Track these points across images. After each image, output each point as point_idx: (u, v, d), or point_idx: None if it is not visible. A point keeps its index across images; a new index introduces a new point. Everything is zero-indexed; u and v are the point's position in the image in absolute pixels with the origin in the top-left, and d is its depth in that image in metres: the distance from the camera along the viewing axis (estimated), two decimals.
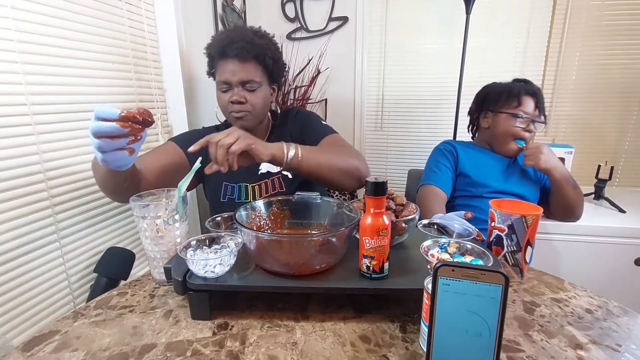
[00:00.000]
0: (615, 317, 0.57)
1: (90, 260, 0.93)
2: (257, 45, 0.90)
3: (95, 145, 0.55)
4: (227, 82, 0.91)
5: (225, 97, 0.92)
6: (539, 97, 1.16)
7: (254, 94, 0.93)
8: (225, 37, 0.90)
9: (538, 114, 1.16)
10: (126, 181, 0.72)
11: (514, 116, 1.15)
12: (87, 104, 0.91)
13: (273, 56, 0.94)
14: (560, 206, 1.20)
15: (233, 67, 0.90)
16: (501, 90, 1.19)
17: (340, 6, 1.86)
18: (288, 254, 0.56)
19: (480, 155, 1.22)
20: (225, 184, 0.97)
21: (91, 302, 0.62)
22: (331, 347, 0.50)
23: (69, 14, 0.85)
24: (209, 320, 0.56)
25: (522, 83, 1.20)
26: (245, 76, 0.90)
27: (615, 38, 1.67)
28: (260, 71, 0.93)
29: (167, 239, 0.63)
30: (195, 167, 0.63)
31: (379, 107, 2.00)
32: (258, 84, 0.93)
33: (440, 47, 1.85)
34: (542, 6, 1.70)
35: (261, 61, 0.92)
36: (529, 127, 1.15)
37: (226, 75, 0.90)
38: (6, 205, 0.73)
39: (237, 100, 0.91)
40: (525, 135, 1.16)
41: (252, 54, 0.90)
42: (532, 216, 0.63)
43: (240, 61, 0.90)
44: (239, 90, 0.91)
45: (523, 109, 1.15)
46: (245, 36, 0.90)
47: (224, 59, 0.90)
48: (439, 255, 0.56)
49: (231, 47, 0.88)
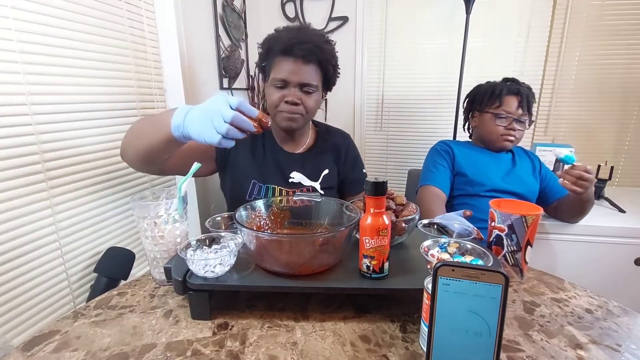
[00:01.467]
0: (615, 317, 0.57)
1: (90, 260, 0.93)
2: (324, 50, 0.89)
3: (223, 129, 0.59)
4: (285, 80, 0.89)
5: (279, 94, 0.90)
6: (522, 96, 1.17)
7: (309, 97, 0.92)
8: (294, 36, 0.88)
9: (522, 113, 1.17)
10: (168, 154, 0.74)
11: (496, 116, 1.18)
12: (87, 104, 0.91)
13: (335, 64, 0.94)
14: (572, 213, 1.22)
15: (295, 67, 0.88)
16: (485, 90, 1.22)
17: (340, 6, 1.86)
18: (288, 254, 0.56)
19: (476, 154, 1.23)
20: (254, 182, 0.96)
21: (91, 302, 0.61)
22: (331, 347, 0.50)
23: (69, 14, 0.85)
24: (209, 320, 0.56)
25: (509, 82, 1.21)
26: (305, 78, 0.89)
27: (615, 38, 1.67)
28: (319, 76, 0.92)
29: (167, 239, 0.63)
30: (194, 167, 0.64)
31: (379, 107, 2.00)
32: (315, 88, 0.92)
33: (440, 47, 1.85)
34: (542, 6, 1.70)
35: (323, 67, 0.91)
36: (511, 125, 1.17)
37: (286, 73, 0.88)
38: (6, 205, 0.73)
39: (293, 101, 0.89)
40: (509, 134, 1.18)
41: (318, 58, 0.89)
42: (532, 216, 0.63)
43: (304, 63, 0.88)
44: (295, 91, 0.89)
45: (505, 109, 1.17)
46: (313, 39, 0.88)
47: (287, 57, 0.88)
48: (439, 255, 0.56)
49: (299, 47, 0.86)
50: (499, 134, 1.19)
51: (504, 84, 1.21)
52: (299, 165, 0.98)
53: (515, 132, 1.18)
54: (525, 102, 1.17)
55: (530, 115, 1.19)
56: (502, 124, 1.18)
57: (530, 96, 1.18)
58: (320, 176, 0.98)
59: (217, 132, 0.60)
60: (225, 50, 1.53)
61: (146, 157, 0.75)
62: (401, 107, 1.97)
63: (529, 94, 1.18)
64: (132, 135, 0.78)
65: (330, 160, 1.03)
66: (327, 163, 1.02)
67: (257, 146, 0.99)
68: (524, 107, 1.17)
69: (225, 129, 0.60)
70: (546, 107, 1.82)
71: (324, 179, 0.98)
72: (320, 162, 1.01)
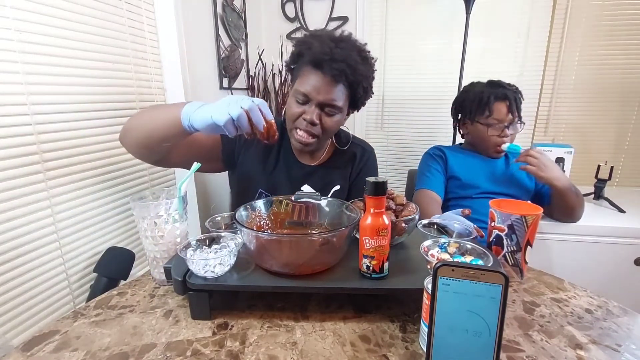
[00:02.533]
0: (615, 317, 0.57)
1: (90, 260, 0.93)
2: (357, 72, 0.81)
3: (235, 112, 0.61)
4: (308, 95, 0.82)
5: (299, 110, 0.84)
6: (510, 100, 1.14)
7: (330, 119, 0.85)
8: (328, 51, 0.79)
9: (512, 118, 1.16)
10: (169, 141, 0.73)
11: (487, 125, 1.17)
12: (87, 104, 0.91)
13: (367, 85, 0.87)
14: (561, 211, 1.22)
15: (321, 85, 0.81)
16: (473, 99, 1.19)
17: (340, 6, 1.86)
18: (288, 254, 0.56)
19: (468, 159, 1.24)
20: (261, 191, 0.93)
21: (91, 302, 0.61)
22: (331, 347, 0.50)
23: (69, 14, 0.85)
24: (209, 320, 0.56)
25: (495, 87, 1.18)
26: (329, 99, 0.82)
27: (615, 38, 1.67)
28: (346, 97, 0.85)
29: (167, 239, 0.63)
30: (194, 167, 0.64)
31: (379, 106, 2.00)
32: (338, 110, 0.85)
33: (440, 47, 1.85)
34: (542, 6, 1.70)
35: (353, 89, 0.85)
36: (503, 132, 1.16)
37: (310, 89, 0.81)
38: (6, 205, 0.73)
39: (312, 121, 0.82)
40: (503, 141, 1.16)
41: (349, 80, 0.81)
42: (532, 216, 0.63)
43: (332, 82, 0.80)
44: (316, 110, 0.82)
45: (495, 117, 1.15)
46: (350, 58, 0.80)
47: (316, 71, 0.81)
48: (439, 255, 0.56)
49: (330, 64, 0.78)
50: (492, 143, 1.18)
51: (490, 89, 1.18)
52: (310, 178, 0.94)
53: (508, 137, 1.17)
54: (515, 105, 1.15)
55: (520, 117, 1.18)
56: (495, 133, 1.17)
57: (517, 98, 1.17)
58: (330, 191, 0.83)
59: (229, 113, 0.61)
60: (225, 50, 1.53)
61: (147, 141, 0.74)
62: (401, 107, 1.97)
63: (516, 96, 1.16)
64: (138, 118, 0.77)
65: (343, 175, 0.99)
66: (340, 178, 0.96)
67: (271, 156, 0.95)
68: (514, 111, 1.15)
69: (238, 113, 0.61)
70: (546, 108, 1.82)
71: (334, 195, 0.87)
72: (333, 176, 0.96)
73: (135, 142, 0.76)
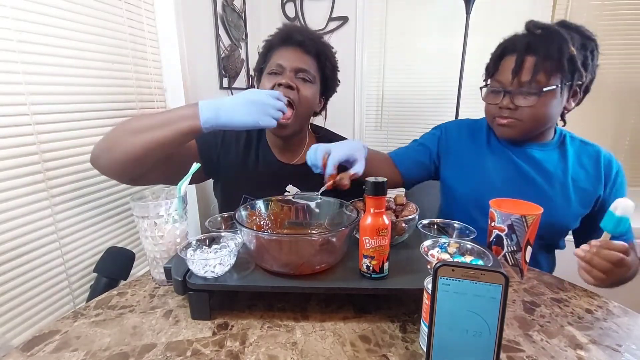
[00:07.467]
0: (615, 317, 0.57)
1: (90, 260, 0.93)
2: (321, 44, 0.88)
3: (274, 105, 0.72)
4: (280, 66, 0.84)
5: (272, 80, 0.83)
6: (525, 54, 0.76)
7: (306, 85, 0.85)
8: (291, 27, 0.87)
9: (519, 82, 0.77)
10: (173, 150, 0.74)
11: (489, 91, 0.86)
12: (87, 104, 0.91)
13: (332, 65, 0.91)
14: None
15: (292, 54, 0.84)
16: (496, 50, 0.88)
17: (340, 6, 1.86)
18: (288, 254, 0.56)
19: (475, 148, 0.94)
20: (245, 197, 0.91)
21: (91, 302, 0.61)
22: (331, 347, 0.50)
23: (68, 14, 0.85)
24: (209, 320, 0.56)
25: (532, 32, 0.82)
26: (302, 65, 0.84)
27: (615, 38, 1.67)
28: (316, 69, 0.88)
29: (167, 239, 0.63)
30: (194, 168, 0.64)
31: (379, 106, 2.00)
32: (312, 78, 0.86)
33: (440, 47, 1.84)
34: (542, 6, 1.70)
35: (321, 62, 0.88)
36: (500, 102, 0.81)
37: (281, 60, 0.84)
38: (6, 205, 0.73)
39: (287, 84, 0.81)
40: (500, 114, 0.82)
41: (315, 49, 0.86)
42: (532, 216, 0.63)
43: (302, 51, 0.85)
44: (291, 76, 0.83)
45: (497, 78, 0.83)
46: (311, 33, 0.88)
47: (285, 46, 0.86)
48: (439, 255, 0.56)
49: (298, 34, 0.85)
50: (489, 114, 0.87)
51: (519, 37, 0.83)
52: (293, 178, 0.93)
53: (510, 111, 0.80)
54: (534, 62, 0.74)
55: (547, 82, 0.75)
56: (492, 101, 0.83)
57: (554, 51, 0.73)
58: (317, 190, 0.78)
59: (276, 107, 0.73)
60: (225, 50, 1.53)
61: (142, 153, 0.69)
62: (401, 106, 1.97)
63: (551, 47, 0.73)
64: (120, 135, 0.70)
65: None
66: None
67: (250, 156, 0.94)
68: (528, 70, 0.75)
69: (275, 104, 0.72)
70: None
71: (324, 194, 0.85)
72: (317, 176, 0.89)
73: (121, 159, 0.70)
